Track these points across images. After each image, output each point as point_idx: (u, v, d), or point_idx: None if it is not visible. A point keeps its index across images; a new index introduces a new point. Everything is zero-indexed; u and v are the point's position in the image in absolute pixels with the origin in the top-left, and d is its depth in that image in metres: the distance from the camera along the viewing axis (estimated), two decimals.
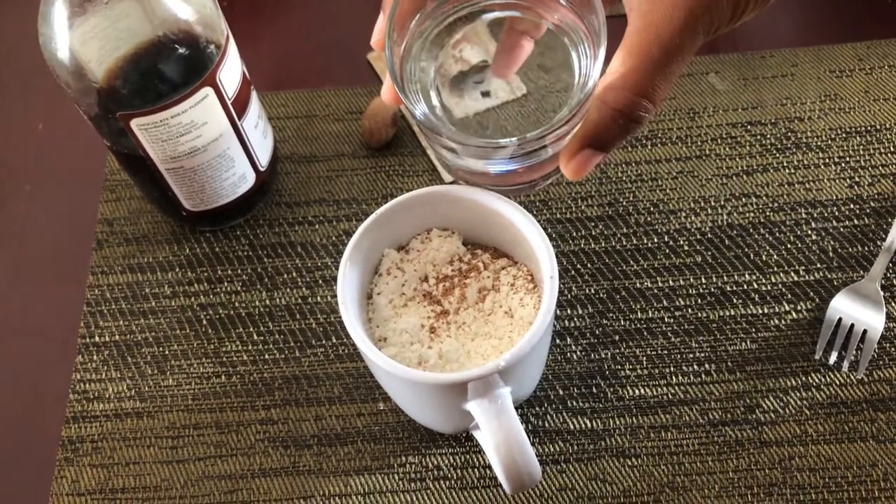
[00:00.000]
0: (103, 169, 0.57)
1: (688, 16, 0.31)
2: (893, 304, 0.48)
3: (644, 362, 0.48)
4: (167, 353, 0.50)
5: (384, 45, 0.35)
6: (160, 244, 0.54)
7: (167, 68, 0.43)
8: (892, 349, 0.47)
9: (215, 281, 0.52)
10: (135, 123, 0.44)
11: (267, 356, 0.50)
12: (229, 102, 0.46)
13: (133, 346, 0.51)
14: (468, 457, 0.46)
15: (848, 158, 0.53)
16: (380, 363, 0.38)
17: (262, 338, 0.50)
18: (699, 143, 0.54)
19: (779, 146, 0.54)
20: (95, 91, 0.43)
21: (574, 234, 0.52)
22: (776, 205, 0.52)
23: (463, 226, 0.44)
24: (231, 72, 0.46)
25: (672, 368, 0.47)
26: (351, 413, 0.48)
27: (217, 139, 0.47)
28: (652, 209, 0.52)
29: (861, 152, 0.53)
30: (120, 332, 0.51)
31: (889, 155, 0.53)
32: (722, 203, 0.52)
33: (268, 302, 0.51)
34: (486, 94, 0.45)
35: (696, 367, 0.47)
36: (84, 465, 0.47)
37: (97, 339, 0.51)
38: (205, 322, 0.51)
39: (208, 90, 0.44)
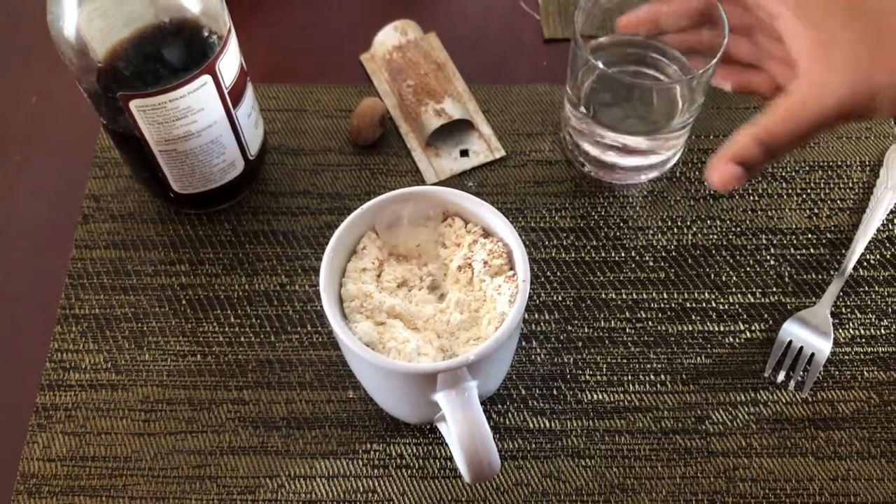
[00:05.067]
0: (94, 146, 0.58)
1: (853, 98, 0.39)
2: (841, 330, 0.51)
3: (604, 369, 0.50)
4: (145, 329, 0.52)
5: None
6: (145, 223, 0.55)
7: (169, 54, 0.45)
8: (837, 373, 0.50)
9: (197, 263, 0.54)
10: (134, 104, 0.45)
11: (243, 339, 0.51)
12: (226, 91, 0.48)
13: (112, 320, 0.52)
14: (430, 448, 0.48)
15: (809, 191, 0.56)
16: (354, 348, 0.39)
17: (239, 321, 0.52)
18: (671, 166, 0.57)
19: None
20: (97, 70, 0.45)
21: (546, 242, 0.54)
22: (739, 229, 0.54)
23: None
24: (230, 62, 0.48)
25: (630, 377, 0.50)
26: (321, 399, 0.49)
27: (211, 126, 0.48)
28: (621, 225, 0.55)
29: (822, 186, 0.56)
30: (100, 305, 0.53)
31: (847, 190, 0.56)
32: (688, 224, 0.55)
33: (247, 287, 0.53)
34: (464, 153, 0.53)
35: (652, 376, 0.50)
36: (56, 432, 0.49)
37: (77, 310, 0.52)
38: (184, 302, 0.53)
39: (207, 78, 0.46)
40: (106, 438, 0.49)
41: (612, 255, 0.54)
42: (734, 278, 0.53)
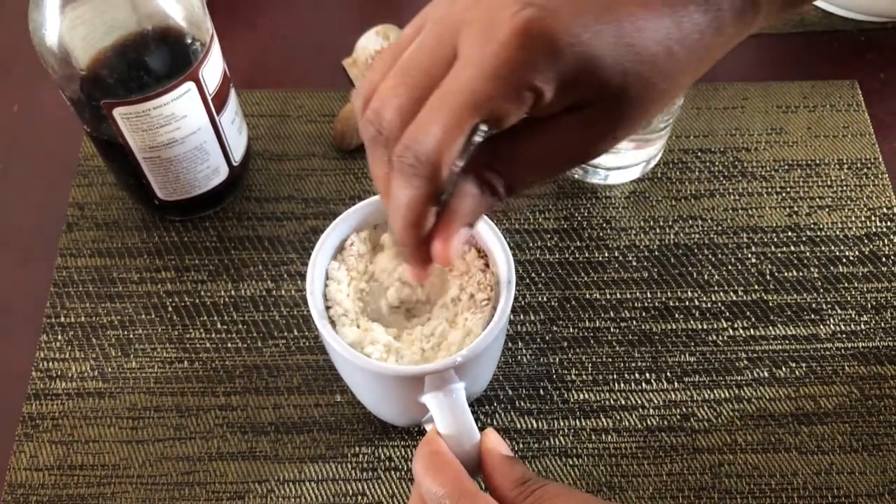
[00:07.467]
0: (77, 154, 0.58)
1: None
2: (822, 326, 0.51)
3: (589, 368, 0.50)
4: (132, 336, 0.52)
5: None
6: (130, 231, 0.55)
7: (152, 61, 0.45)
8: (819, 368, 0.50)
9: (182, 269, 0.54)
10: (117, 112, 0.45)
11: (229, 345, 0.51)
12: (209, 98, 0.48)
13: (98, 328, 0.52)
14: None
15: (788, 189, 0.57)
16: (342, 352, 0.40)
17: (225, 327, 0.52)
18: (652, 167, 0.57)
19: (726, 174, 0.57)
20: (80, 78, 0.45)
21: (530, 244, 0.55)
22: (720, 228, 0.55)
23: None
24: (213, 69, 0.48)
25: (615, 375, 0.50)
26: (309, 403, 0.50)
27: (195, 132, 0.48)
28: (604, 225, 0.55)
29: (801, 184, 0.57)
30: (86, 313, 0.52)
31: (826, 188, 0.57)
32: (670, 224, 0.55)
33: (233, 292, 0.53)
34: None
35: (637, 375, 0.50)
36: (43, 441, 0.49)
37: (63, 319, 0.52)
38: (170, 308, 0.53)
39: (190, 85, 0.46)
40: (94, 447, 0.48)
41: (596, 255, 0.54)
42: (716, 276, 0.53)
